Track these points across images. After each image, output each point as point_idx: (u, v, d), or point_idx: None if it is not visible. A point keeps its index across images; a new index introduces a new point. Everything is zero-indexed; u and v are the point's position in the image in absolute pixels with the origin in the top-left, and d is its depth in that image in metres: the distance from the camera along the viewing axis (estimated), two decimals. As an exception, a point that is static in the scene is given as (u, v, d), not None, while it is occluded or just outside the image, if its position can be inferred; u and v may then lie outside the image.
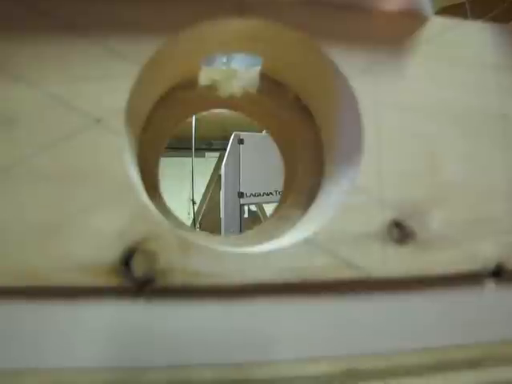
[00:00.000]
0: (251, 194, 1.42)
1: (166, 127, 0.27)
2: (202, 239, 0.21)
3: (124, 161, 0.19)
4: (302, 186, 0.26)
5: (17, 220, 0.18)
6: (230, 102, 0.28)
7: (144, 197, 0.20)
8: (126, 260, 0.19)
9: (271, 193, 1.34)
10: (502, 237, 0.22)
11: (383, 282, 0.20)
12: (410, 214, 0.21)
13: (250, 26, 0.21)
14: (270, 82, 0.27)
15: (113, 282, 0.18)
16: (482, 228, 0.21)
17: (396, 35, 0.22)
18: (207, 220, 1.75)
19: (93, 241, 0.18)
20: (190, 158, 1.45)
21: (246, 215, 1.53)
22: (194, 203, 1.49)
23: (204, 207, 1.75)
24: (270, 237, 0.24)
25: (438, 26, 0.23)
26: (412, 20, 0.22)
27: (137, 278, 0.19)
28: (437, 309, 0.21)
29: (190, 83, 0.27)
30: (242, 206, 1.43)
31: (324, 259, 0.20)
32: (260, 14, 0.21)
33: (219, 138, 1.75)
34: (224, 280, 0.19)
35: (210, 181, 1.85)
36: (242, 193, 1.40)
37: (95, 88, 0.19)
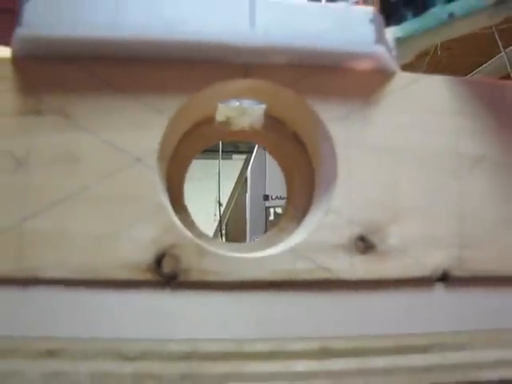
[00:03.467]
0: (276, 197, 1.50)
1: (189, 156, 0.35)
2: (214, 247, 0.29)
3: (157, 189, 0.27)
4: (298, 204, 0.34)
5: (82, 231, 0.27)
6: (240, 134, 0.36)
7: (172, 215, 0.28)
8: (158, 261, 0.27)
9: (296, 196, 1.41)
10: (448, 250, 0.29)
11: (350, 283, 0.28)
12: (372, 230, 0.28)
13: (253, 84, 0.29)
14: (272, 119, 0.35)
15: (148, 276, 0.27)
16: (431, 243, 0.29)
17: (367, 88, 0.30)
18: (233, 221, 1.84)
19: (135, 247, 0.27)
20: (217, 160, 1.54)
21: (271, 218, 1.61)
22: (220, 205, 1.58)
23: (230, 209, 1.83)
24: (272, 244, 0.32)
25: (403, 80, 0.30)
26: (381, 76, 0.30)
27: (165, 274, 0.27)
28: (394, 304, 0.29)
29: (209, 120, 0.35)
30: (267, 208, 1.51)
31: (304, 264, 0.27)
32: (260, 76, 0.29)
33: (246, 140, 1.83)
34: (228, 277, 0.27)
35: (236, 183, 1.93)
36: (268, 195, 1.48)
37: (136, 135, 0.28)
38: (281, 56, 0.28)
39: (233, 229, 1.79)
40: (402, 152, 0.29)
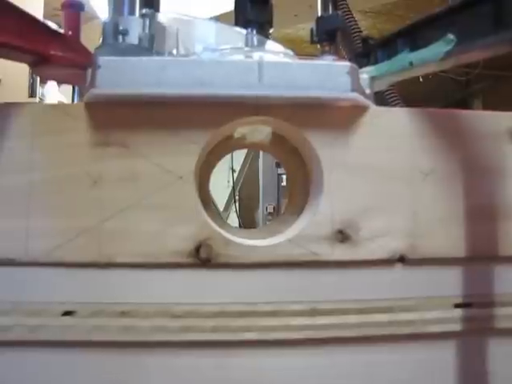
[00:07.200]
0: (288, 165, 1.62)
1: (212, 163, 0.48)
2: (234, 234, 0.42)
3: (194, 198, 0.41)
4: (297, 202, 0.47)
5: (142, 229, 0.40)
6: (253, 146, 0.49)
7: (205, 216, 0.41)
8: (197, 249, 0.41)
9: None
10: (404, 239, 0.42)
11: (332, 263, 0.41)
12: (348, 226, 0.41)
13: (262, 119, 0.42)
14: (278, 136, 0.47)
15: (190, 260, 0.41)
16: (391, 234, 0.42)
17: (347, 121, 0.42)
18: (246, 187, 1.98)
19: (180, 240, 0.41)
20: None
21: (283, 184, 1.74)
22: (233, 171, 1.71)
23: (243, 176, 1.97)
24: (275, 232, 0.45)
25: (374, 112, 0.43)
26: (357, 110, 0.42)
27: (202, 258, 0.41)
28: (364, 278, 0.42)
29: (229, 137, 0.48)
30: (279, 175, 1.64)
31: (299, 250, 0.41)
32: (267, 114, 0.41)
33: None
34: (246, 260, 0.41)
35: (248, 150, 2.06)
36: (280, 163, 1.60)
37: (178, 159, 0.41)
38: (281, 101, 0.41)
39: (246, 195, 1.93)
40: (371, 168, 0.42)
